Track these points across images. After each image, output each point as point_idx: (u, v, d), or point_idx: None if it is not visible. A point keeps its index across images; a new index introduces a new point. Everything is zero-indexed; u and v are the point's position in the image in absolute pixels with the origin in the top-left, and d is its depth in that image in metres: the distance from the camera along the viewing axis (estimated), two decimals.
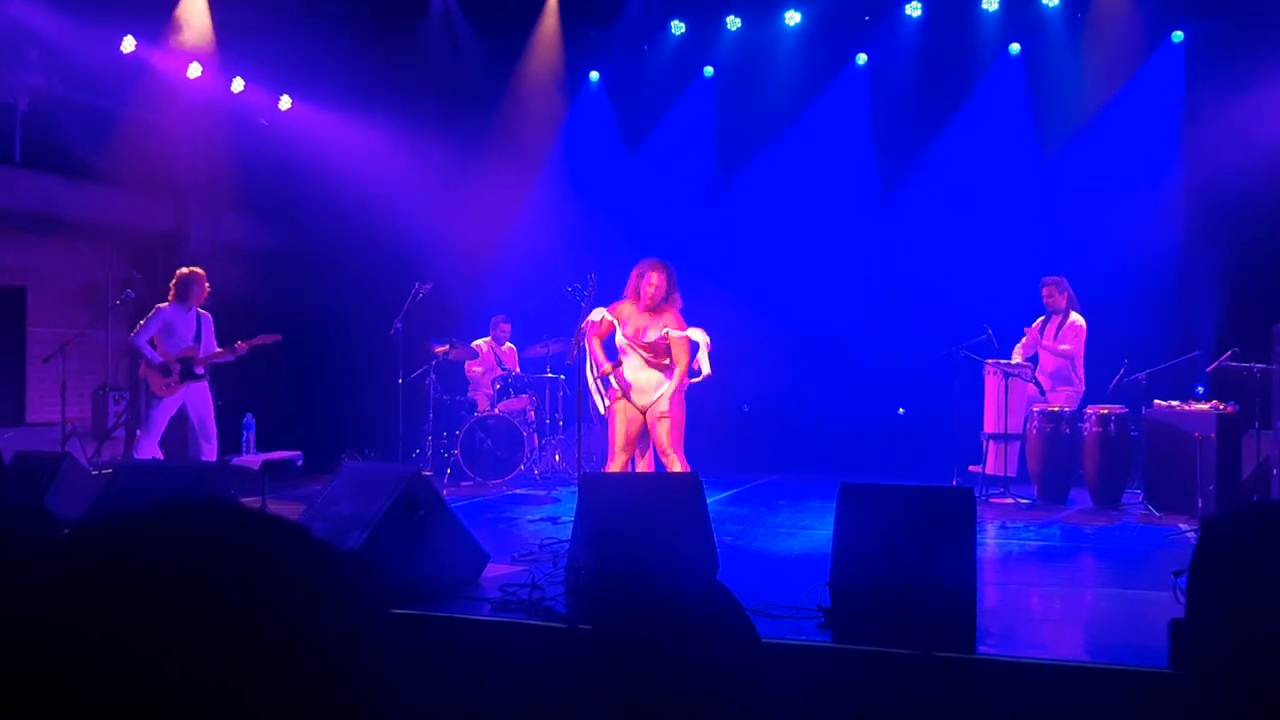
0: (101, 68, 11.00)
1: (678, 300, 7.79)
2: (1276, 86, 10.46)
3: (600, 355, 7.79)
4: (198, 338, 9.18)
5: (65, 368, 9.89)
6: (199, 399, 9.21)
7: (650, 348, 7.67)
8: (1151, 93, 11.71)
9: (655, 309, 7.70)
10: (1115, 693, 4.14)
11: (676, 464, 7.60)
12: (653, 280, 7.68)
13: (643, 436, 7.80)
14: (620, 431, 7.76)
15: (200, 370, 9.13)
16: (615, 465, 7.77)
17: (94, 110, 11.52)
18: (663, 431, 7.63)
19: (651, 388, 7.67)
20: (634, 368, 7.72)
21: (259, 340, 9.28)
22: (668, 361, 7.70)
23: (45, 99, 11.06)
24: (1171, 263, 11.09)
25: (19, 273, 11.56)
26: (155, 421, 9.04)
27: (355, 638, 0.84)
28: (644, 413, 7.72)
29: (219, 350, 9.24)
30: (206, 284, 9.29)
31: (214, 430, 9.26)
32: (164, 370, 9.02)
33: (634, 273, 7.81)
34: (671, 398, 7.63)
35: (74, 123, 11.34)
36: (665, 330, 7.64)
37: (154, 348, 9.03)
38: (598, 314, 7.77)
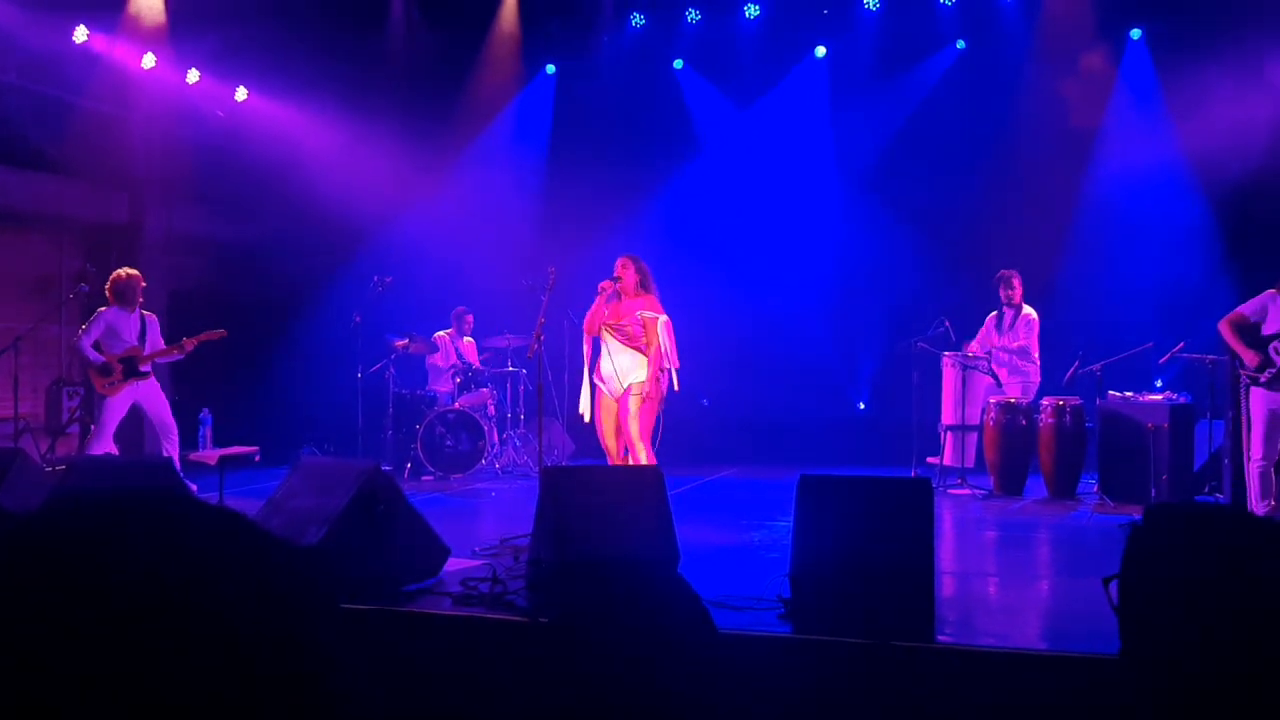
0: (54, 57, 10.83)
1: (654, 289, 7.95)
2: (1237, 77, 10.61)
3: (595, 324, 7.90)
4: (141, 338, 9.14)
5: (18, 362, 9.75)
6: (151, 397, 9.16)
7: (622, 330, 7.78)
8: (1120, 85, 11.87)
9: (630, 297, 7.84)
10: (1071, 679, 4.19)
11: (643, 455, 7.64)
12: (619, 268, 7.88)
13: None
14: (606, 424, 7.92)
15: (144, 368, 9.07)
16: (612, 458, 7.94)
17: (46, 100, 11.35)
18: (632, 422, 7.69)
19: (624, 371, 7.75)
20: (608, 353, 7.85)
21: (204, 336, 9.24)
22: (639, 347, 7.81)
23: None
24: (1136, 255, 11.21)
25: None
26: (106, 419, 9.00)
27: (304, 630, 0.84)
28: (618, 400, 7.80)
29: (164, 348, 9.19)
30: (143, 284, 9.27)
31: (173, 426, 9.21)
32: (104, 370, 8.98)
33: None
34: (645, 382, 7.67)
35: (26, 112, 11.15)
36: (638, 313, 7.76)
37: (99, 350, 9.00)
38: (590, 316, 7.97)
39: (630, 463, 7.80)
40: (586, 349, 8.10)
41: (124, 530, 0.82)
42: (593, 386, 8.04)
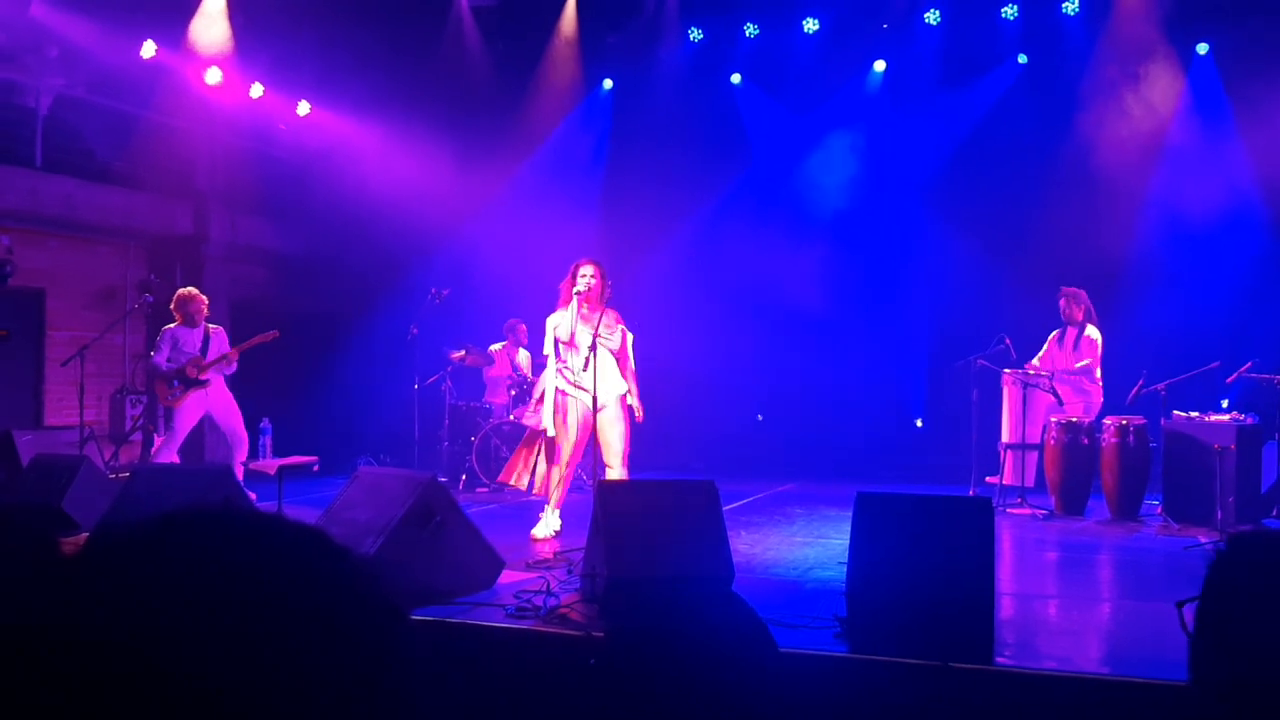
0: (122, 72, 11.07)
1: (610, 296, 7.62)
2: None
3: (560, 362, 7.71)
4: (204, 351, 9.29)
5: (83, 371, 9.93)
6: (221, 405, 9.31)
7: (606, 339, 7.42)
8: (1185, 101, 11.70)
9: (594, 306, 7.50)
10: (1134, 705, 4.10)
11: (625, 471, 7.47)
12: (587, 273, 7.52)
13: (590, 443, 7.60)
14: (579, 435, 7.61)
15: (202, 377, 9.19)
16: (568, 473, 7.69)
17: (114, 114, 11.60)
18: (621, 441, 7.52)
19: (608, 382, 7.43)
20: (588, 361, 7.36)
21: (252, 342, 9.36)
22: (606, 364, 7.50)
23: (66, 102, 11.14)
24: (1202, 273, 11.02)
25: (38, 275, 11.60)
26: (177, 428, 9.18)
27: (374, 641, 0.83)
28: (598, 412, 7.43)
29: (218, 358, 9.31)
30: (204, 302, 9.45)
31: (244, 436, 9.37)
32: (167, 381, 9.18)
33: (570, 273, 7.65)
34: (622, 399, 7.49)
35: (94, 126, 11.41)
36: (616, 325, 7.48)
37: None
38: (550, 331, 7.68)
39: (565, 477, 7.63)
40: (555, 355, 7.63)
41: (188, 542, 0.82)
42: (560, 393, 7.63)
